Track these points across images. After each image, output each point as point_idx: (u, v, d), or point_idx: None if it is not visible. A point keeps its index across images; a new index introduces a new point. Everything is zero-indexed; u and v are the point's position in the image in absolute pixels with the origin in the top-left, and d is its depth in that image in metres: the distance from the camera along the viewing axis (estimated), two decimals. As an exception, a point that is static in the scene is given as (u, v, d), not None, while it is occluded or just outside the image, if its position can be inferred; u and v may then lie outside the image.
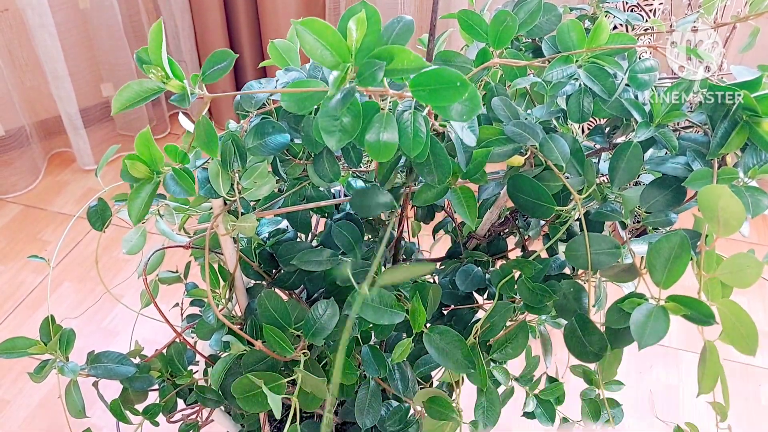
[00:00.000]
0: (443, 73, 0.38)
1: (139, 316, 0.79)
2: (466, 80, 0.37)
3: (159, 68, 0.44)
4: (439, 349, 0.54)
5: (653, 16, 1.35)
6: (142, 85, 0.44)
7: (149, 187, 0.48)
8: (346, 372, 0.59)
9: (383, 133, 0.41)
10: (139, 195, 0.48)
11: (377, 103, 0.42)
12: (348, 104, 0.40)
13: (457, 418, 0.57)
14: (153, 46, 0.43)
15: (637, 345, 0.44)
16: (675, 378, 1.33)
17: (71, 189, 1.83)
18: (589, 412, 0.65)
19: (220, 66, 0.48)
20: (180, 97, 0.46)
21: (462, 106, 0.40)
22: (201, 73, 0.48)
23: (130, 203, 0.48)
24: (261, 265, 0.70)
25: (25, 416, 1.24)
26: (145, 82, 0.45)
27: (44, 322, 0.63)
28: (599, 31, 0.51)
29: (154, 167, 0.48)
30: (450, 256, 0.72)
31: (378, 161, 0.43)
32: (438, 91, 0.38)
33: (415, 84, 0.39)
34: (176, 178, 0.48)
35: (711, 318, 0.42)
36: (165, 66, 0.44)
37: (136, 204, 0.48)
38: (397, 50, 0.38)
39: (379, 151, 0.41)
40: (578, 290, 0.57)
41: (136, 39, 1.91)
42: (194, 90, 0.46)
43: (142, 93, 0.44)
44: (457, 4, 1.69)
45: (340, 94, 0.40)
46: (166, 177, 0.48)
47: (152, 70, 0.44)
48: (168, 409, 0.71)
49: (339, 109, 0.40)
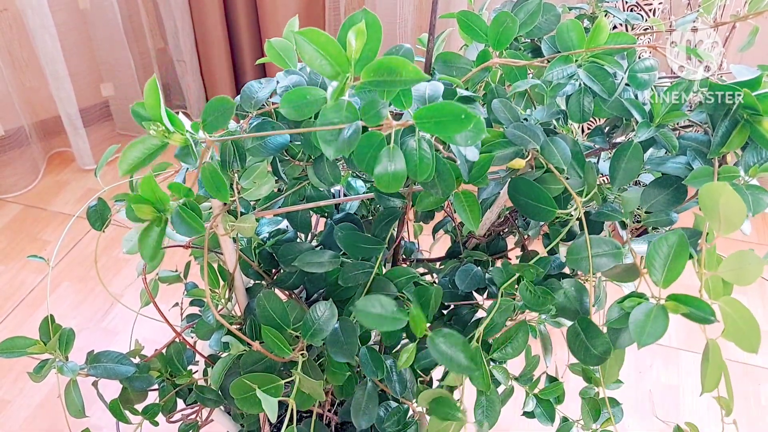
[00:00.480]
0: (448, 107, 0.38)
1: (139, 316, 0.79)
2: (470, 113, 0.38)
3: (159, 123, 0.43)
4: (442, 353, 0.53)
5: (653, 16, 1.35)
6: (146, 142, 0.43)
7: (158, 228, 0.47)
8: (335, 372, 0.59)
9: (391, 164, 0.41)
10: (150, 235, 0.47)
11: (380, 134, 0.42)
12: (356, 141, 0.41)
13: (463, 417, 0.57)
14: (150, 101, 0.42)
15: (636, 344, 0.44)
16: (675, 378, 1.33)
17: (71, 189, 1.83)
18: (589, 411, 0.65)
19: (221, 113, 0.47)
20: (184, 152, 0.45)
21: (467, 133, 0.40)
22: (201, 121, 0.47)
23: (141, 244, 0.46)
24: (261, 265, 0.70)
25: (25, 416, 1.24)
26: (148, 139, 0.43)
27: (44, 321, 0.63)
28: (599, 31, 0.51)
29: (160, 207, 0.47)
30: (450, 256, 0.72)
31: (387, 192, 0.43)
32: (443, 123, 0.39)
33: (419, 116, 0.39)
34: (183, 216, 0.47)
35: (711, 316, 0.42)
36: (165, 121, 0.43)
37: (148, 244, 0.47)
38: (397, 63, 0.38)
39: (389, 183, 0.42)
40: (579, 289, 0.57)
41: (136, 39, 1.91)
42: (197, 138, 0.45)
43: (147, 151, 0.44)
44: (456, 4, 1.69)
45: (346, 133, 0.40)
46: (173, 215, 0.47)
47: (152, 126, 0.43)
48: (167, 409, 0.71)
49: (347, 146, 0.41)
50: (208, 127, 0.47)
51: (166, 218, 0.47)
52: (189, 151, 0.45)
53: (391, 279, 0.61)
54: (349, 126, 0.41)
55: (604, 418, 0.66)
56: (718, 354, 0.45)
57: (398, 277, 0.61)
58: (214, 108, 0.47)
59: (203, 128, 0.47)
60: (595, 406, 0.65)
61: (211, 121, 0.47)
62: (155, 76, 0.43)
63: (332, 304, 0.56)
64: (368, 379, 0.61)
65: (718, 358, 0.45)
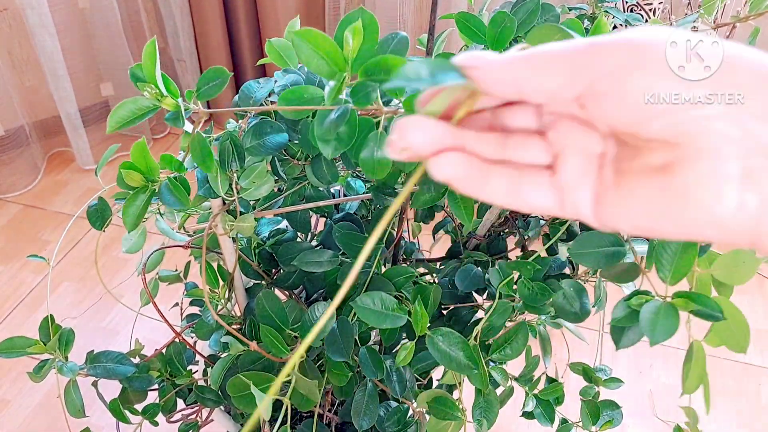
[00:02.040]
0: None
1: (139, 316, 0.79)
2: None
3: (153, 86, 0.44)
4: (441, 352, 0.54)
5: (653, 16, 1.35)
6: (137, 103, 0.44)
7: (144, 196, 0.48)
8: (336, 373, 0.59)
9: (377, 150, 0.41)
10: (134, 203, 0.48)
11: (372, 120, 0.42)
12: (343, 122, 0.40)
13: (462, 417, 0.57)
14: (147, 63, 0.43)
15: (649, 341, 0.43)
16: (675, 378, 1.33)
17: (71, 188, 1.83)
18: (588, 412, 0.65)
19: (215, 83, 0.47)
20: (174, 116, 0.45)
21: None
22: (195, 90, 0.47)
23: (124, 210, 0.48)
24: (260, 265, 0.70)
25: (25, 416, 1.24)
26: (140, 100, 0.44)
27: (44, 321, 0.63)
28: (599, 31, 0.51)
29: (149, 176, 0.48)
30: (450, 256, 0.72)
31: (374, 178, 0.43)
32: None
33: (410, 103, 0.39)
34: (171, 188, 0.48)
35: (719, 313, 0.42)
36: (159, 83, 0.44)
37: (131, 211, 0.48)
38: (392, 61, 0.38)
39: (373, 168, 0.42)
40: (579, 290, 0.57)
41: (136, 39, 1.91)
42: (189, 106, 0.46)
43: (137, 111, 0.44)
44: (456, 4, 1.69)
45: (334, 114, 0.40)
46: (161, 186, 0.48)
47: (146, 87, 0.44)
48: (167, 409, 0.71)
49: (334, 128, 0.40)
50: (202, 95, 0.47)
51: (154, 188, 0.48)
52: (179, 116, 0.45)
53: (389, 278, 0.61)
54: (338, 107, 0.40)
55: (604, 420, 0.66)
56: (702, 356, 0.45)
57: (397, 277, 0.61)
58: (208, 78, 0.47)
59: (197, 97, 0.47)
60: (594, 407, 0.65)
61: (205, 91, 0.47)
62: (155, 38, 0.43)
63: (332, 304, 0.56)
64: (368, 380, 0.61)
65: (701, 360, 0.45)
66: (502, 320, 0.58)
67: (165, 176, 0.49)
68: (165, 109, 0.46)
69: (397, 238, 0.69)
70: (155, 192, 0.48)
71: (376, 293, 0.54)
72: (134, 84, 0.45)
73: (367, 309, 0.54)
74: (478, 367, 0.53)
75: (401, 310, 0.54)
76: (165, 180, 0.48)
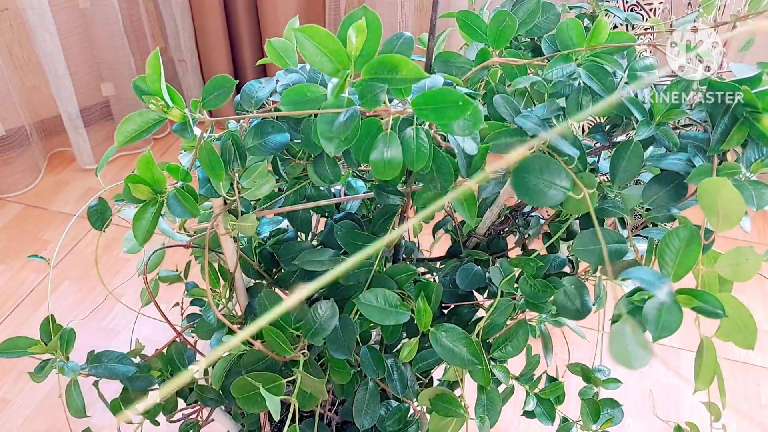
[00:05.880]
0: (446, 93, 0.39)
1: (140, 316, 0.79)
2: (468, 99, 0.38)
3: (158, 98, 0.44)
4: (445, 347, 0.54)
5: (653, 16, 1.35)
6: (144, 116, 0.44)
7: (153, 208, 0.48)
8: (339, 371, 0.59)
9: (387, 150, 0.42)
10: (144, 216, 0.48)
11: (378, 121, 0.42)
12: (352, 125, 0.40)
13: (464, 414, 0.57)
14: (151, 75, 0.43)
15: (651, 338, 0.43)
16: (675, 378, 1.33)
17: (71, 188, 1.83)
18: (589, 411, 0.65)
19: (220, 92, 0.47)
20: (181, 127, 0.45)
21: (464, 122, 0.40)
22: (201, 99, 0.47)
23: (135, 224, 0.47)
24: (261, 265, 0.70)
25: (25, 416, 1.24)
26: (146, 113, 0.44)
27: (44, 321, 0.63)
28: (599, 30, 0.51)
29: (157, 188, 0.48)
30: (450, 255, 0.72)
31: (383, 179, 0.43)
32: (441, 110, 0.39)
33: (417, 103, 0.39)
34: (179, 198, 0.48)
35: (722, 310, 0.42)
36: (165, 95, 0.44)
37: (142, 225, 0.47)
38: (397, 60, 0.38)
39: (384, 169, 0.42)
40: (580, 287, 0.57)
41: (137, 39, 1.91)
42: (195, 116, 0.46)
43: (144, 125, 0.44)
44: (457, 3, 1.69)
45: (343, 117, 0.40)
46: (169, 197, 0.48)
47: (152, 100, 0.43)
48: (168, 409, 0.71)
49: (344, 130, 0.40)
50: (207, 105, 0.47)
51: (162, 200, 0.48)
52: (186, 127, 0.45)
53: (391, 276, 0.61)
54: (346, 110, 0.41)
55: (605, 419, 0.66)
56: (713, 352, 0.45)
57: (399, 275, 0.61)
58: (214, 87, 0.47)
59: (203, 106, 0.47)
60: (594, 406, 0.65)
61: (211, 100, 0.47)
62: (158, 49, 0.43)
63: (333, 303, 0.56)
64: (369, 379, 0.61)
65: (712, 357, 0.45)
66: (504, 318, 0.58)
67: (171, 186, 0.48)
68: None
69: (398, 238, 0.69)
70: (164, 203, 0.48)
71: (379, 290, 0.54)
72: (139, 97, 0.45)
73: (371, 306, 0.54)
74: (482, 363, 0.53)
75: (404, 307, 0.54)
76: (173, 190, 0.48)
